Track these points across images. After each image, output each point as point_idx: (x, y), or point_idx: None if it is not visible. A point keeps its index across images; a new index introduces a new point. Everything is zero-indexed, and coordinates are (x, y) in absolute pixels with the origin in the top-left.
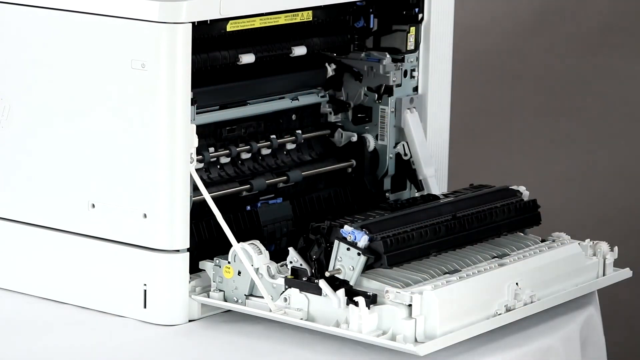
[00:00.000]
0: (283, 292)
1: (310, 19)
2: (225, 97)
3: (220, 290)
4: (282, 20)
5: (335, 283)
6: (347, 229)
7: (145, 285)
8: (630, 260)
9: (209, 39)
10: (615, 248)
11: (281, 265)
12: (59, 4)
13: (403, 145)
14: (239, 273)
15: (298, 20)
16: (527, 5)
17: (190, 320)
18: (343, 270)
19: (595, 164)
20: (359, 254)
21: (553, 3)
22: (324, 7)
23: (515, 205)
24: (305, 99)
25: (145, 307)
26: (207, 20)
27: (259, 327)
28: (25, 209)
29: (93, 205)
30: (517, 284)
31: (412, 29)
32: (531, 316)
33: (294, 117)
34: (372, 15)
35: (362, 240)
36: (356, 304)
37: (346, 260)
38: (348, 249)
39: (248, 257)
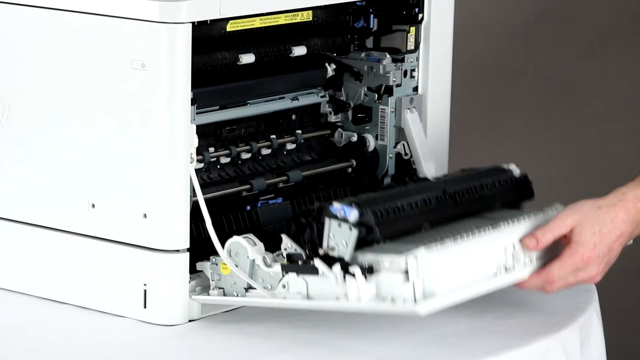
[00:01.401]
0: (281, 279)
1: (310, 19)
2: (225, 97)
3: (220, 288)
4: (282, 20)
5: (331, 261)
6: (336, 205)
7: (145, 285)
8: (630, 260)
9: (209, 39)
10: None
11: (277, 255)
12: (59, 4)
13: (403, 145)
14: (236, 266)
15: (298, 20)
16: (527, 5)
17: (190, 320)
18: (337, 247)
19: (596, 163)
20: (350, 229)
21: (553, 3)
22: (324, 7)
23: (506, 180)
24: (305, 99)
25: (145, 307)
26: (207, 20)
27: (259, 327)
28: (25, 209)
29: (93, 205)
30: (513, 246)
31: (412, 29)
32: (529, 317)
33: (294, 117)
34: (372, 15)
35: (352, 214)
36: (353, 274)
37: (339, 237)
38: (339, 225)
39: (243, 249)
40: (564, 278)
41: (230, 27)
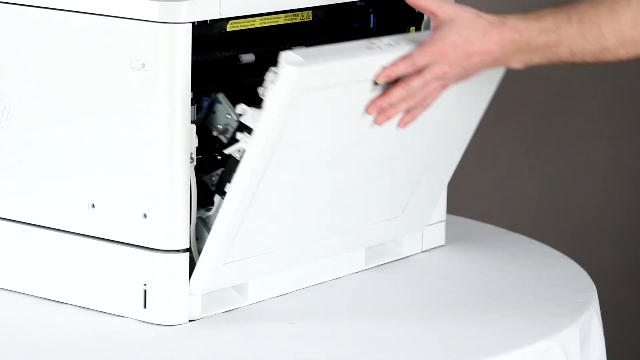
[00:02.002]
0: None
1: (310, 19)
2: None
3: None
4: (282, 20)
5: (234, 139)
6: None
7: (145, 285)
8: (630, 260)
9: (209, 39)
10: None
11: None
12: (59, 4)
13: None
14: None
15: (298, 20)
16: (527, 5)
17: (190, 320)
18: (227, 127)
19: (596, 163)
20: (218, 101)
21: (553, 3)
22: (324, 7)
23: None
24: None
25: (145, 307)
26: (207, 20)
27: (259, 327)
28: (25, 209)
29: (93, 205)
30: (381, 39)
31: (412, 29)
32: (529, 317)
33: None
34: (372, 15)
35: (210, 96)
36: (243, 113)
37: (220, 119)
38: (214, 112)
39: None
40: (424, 69)
41: (230, 27)
